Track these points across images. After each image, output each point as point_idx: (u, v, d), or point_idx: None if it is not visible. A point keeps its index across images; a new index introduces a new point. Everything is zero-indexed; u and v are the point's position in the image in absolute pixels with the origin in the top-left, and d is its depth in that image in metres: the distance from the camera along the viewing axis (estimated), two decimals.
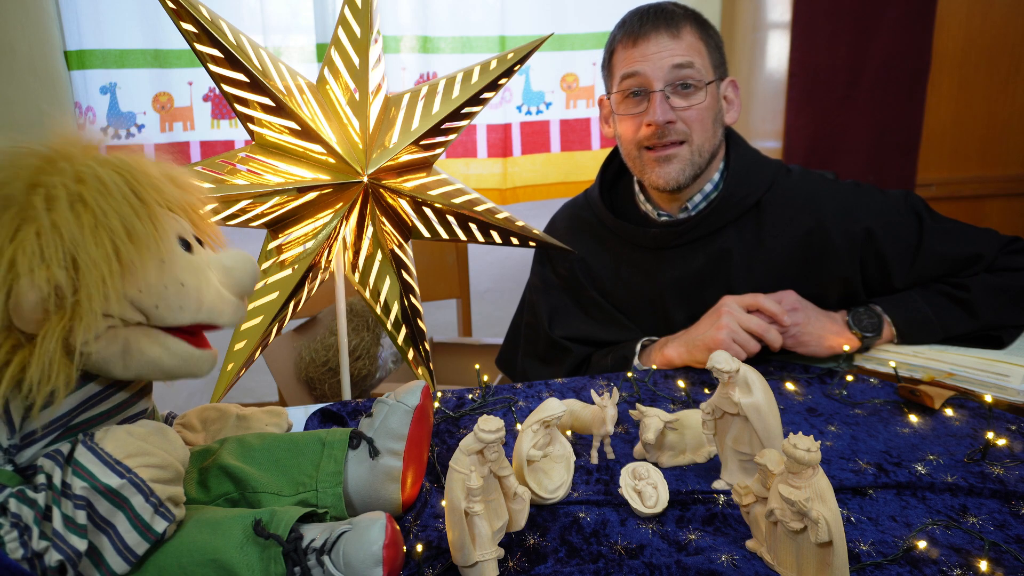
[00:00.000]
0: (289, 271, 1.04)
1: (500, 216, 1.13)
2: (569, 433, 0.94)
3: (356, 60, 1.05)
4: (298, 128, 1.01)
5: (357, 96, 1.05)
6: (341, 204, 1.06)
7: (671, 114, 1.19)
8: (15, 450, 0.61)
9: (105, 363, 0.61)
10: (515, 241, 1.15)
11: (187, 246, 0.65)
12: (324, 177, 1.03)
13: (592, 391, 0.89)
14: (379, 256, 1.12)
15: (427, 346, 1.16)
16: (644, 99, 1.21)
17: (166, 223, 0.63)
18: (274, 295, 1.03)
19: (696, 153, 1.22)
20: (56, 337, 0.57)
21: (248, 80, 0.96)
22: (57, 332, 0.57)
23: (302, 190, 1.02)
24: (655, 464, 0.86)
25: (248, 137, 1.04)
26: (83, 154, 0.60)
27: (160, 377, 0.64)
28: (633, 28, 1.22)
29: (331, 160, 1.04)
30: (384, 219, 1.10)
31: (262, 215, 1.02)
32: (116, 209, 0.58)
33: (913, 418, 0.97)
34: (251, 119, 1.01)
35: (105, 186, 0.59)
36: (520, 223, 1.15)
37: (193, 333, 0.65)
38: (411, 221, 1.13)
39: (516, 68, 1.11)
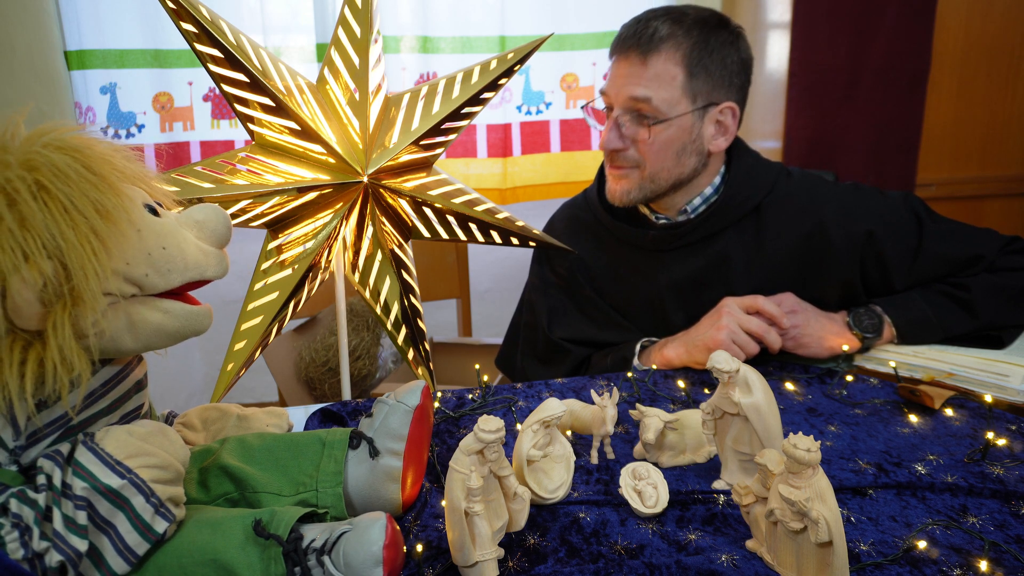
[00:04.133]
0: (289, 271, 1.04)
1: (500, 216, 1.13)
2: (569, 433, 0.94)
3: (356, 60, 1.05)
4: (298, 128, 1.01)
5: (357, 96, 1.05)
6: (341, 204, 1.06)
7: (618, 143, 1.20)
8: (20, 451, 0.61)
9: (115, 341, 0.62)
10: (515, 241, 1.16)
11: (154, 212, 0.67)
12: (324, 177, 1.03)
13: (592, 391, 0.89)
14: (379, 256, 1.12)
15: (427, 346, 1.16)
16: (609, 116, 1.23)
17: (130, 193, 0.64)
18: (274, 295, 1.03)
19: (648, 180, 1.22)
20: (65, 325, 0.58)
21: (248, 80, 0.96)
22: (65, 319, 0.58)
23: (302, 190, 1.02)
24: (655, 464, 0.86)
25: (248, 137, 1.04)
26: (26, 142, 0.60)
27: (167, 341, 0.67)
28: (616, 43, 1.23)
29: (331, 160, 1.04)
30: (384, 219, 1.10)
31: (262, 215, 1.02)
32: (79, 189, 0.59)
33: (913, 418, 0.97)
34: (251, 119, 1.01)
35: (60, 170, 0.58)
36: (520, 223, 1.15)
37: (182, 293, 0.68)
38: (411, 221, 1.13)
39: (516, 68, 1.11)
